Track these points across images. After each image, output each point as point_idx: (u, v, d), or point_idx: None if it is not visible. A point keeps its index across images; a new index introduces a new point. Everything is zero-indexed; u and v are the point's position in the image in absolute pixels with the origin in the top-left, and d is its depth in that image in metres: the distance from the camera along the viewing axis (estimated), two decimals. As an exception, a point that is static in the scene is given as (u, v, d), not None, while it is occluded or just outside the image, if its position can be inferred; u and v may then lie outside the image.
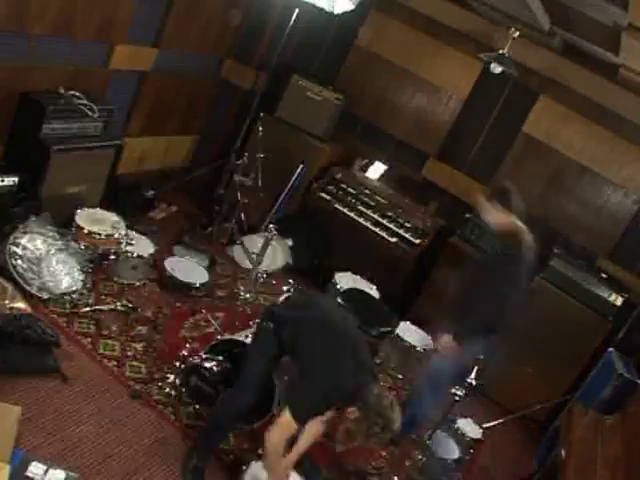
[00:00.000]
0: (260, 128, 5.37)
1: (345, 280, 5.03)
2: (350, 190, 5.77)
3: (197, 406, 3.61)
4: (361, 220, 5.63)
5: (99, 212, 4.40)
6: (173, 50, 5.23)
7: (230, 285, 5.05)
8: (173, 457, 3.31)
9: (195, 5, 5.13)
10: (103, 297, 4.18)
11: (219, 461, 3.43)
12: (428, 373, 3.94)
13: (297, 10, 5.25)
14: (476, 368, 3.59)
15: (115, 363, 3.72)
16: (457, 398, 3.51)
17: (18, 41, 3.93)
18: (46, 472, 2.66)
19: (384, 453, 4.09)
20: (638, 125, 5.20)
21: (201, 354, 3.58)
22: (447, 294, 4.44)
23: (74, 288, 3.94)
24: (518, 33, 4.89)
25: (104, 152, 4.56)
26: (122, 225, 4.32)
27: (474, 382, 3.51)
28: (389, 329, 4.76)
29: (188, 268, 4.73)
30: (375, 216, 5.64)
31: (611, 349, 4.76)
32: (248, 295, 4.39)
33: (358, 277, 5.21)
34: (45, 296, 3.87)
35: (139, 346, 3.95)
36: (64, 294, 3.94)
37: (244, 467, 3.22)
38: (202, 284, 4.61)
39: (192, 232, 5.49)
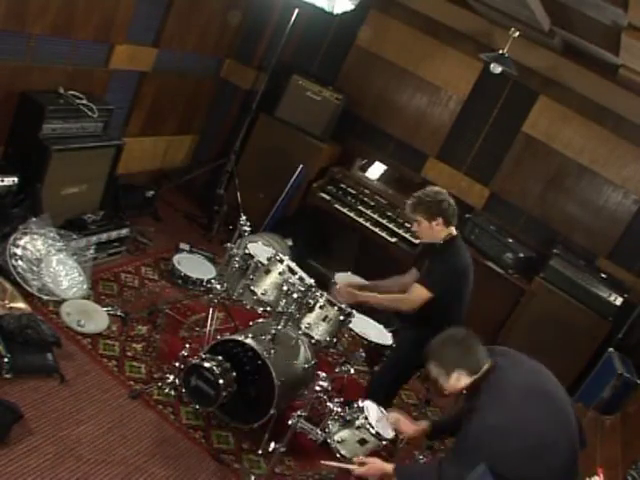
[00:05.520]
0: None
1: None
2: (350, 190, 5.76)
3: (197, 406, 3.61)
4: (361, 220, 5.63)
5: None
6: (173, 50, 5.23)
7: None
8: (173, 457, 3.31)
9: (195, 5, 5.12)
10: (103, 297, 4.19)
11: (219, 461, 3.44)
12: None
13: (297, 10, 5.25)
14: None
15: (115, 363, 3.73)
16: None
17: (18, 41, 3.92)
18: None
19: (383, 453, 4.09)
20: (638, 125, 5.20)
21: (201, 354, 3.58)
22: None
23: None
24: (518, 33, 4.89)
25: (104, 152, 4.55)
26: None
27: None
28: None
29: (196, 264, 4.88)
30: (375, 216, 5.64)
31: (611, 349, 4.77)
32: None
33: (358, 277, 5.20)
34: (45, 297, 3.88)
35: (139, 346, 3.95)
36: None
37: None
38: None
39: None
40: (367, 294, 3.72)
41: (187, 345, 3.70)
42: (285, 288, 3.65)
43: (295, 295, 3.64)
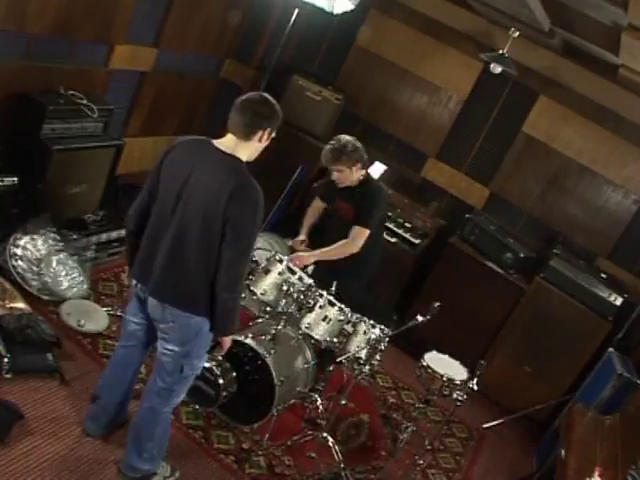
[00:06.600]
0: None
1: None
2: (350, 190, 5.75)
3: (197, 406, 3.61)
4: (361, 220, 5.61)
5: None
6: (173, 50, 5.23)
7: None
8: (173, 457, 3.31)
9: (195, 5, 5.13)
10: (103, 297, 4.19)
11: (219, 462, 3.44)
12: None
13: (297, 10, 5.25)
14: (478, 373, 3.59)
15: (115, 363, 3.72)
16: (459, 403, 3.51)
17: (18, 41, 3.93)
18: None
19: (384, 453, 4.10)
20: (638, 125, 5.20)
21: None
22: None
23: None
24: (518, 33, 4.89)
25: (104, 152, 4.55)
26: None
27: (475, 387, 3.51)
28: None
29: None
30: (375, 216, 5.63)
31: (611, 349, 4.76)
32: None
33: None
34: (45, 297, 3.88)
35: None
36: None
37: None
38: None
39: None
40: (314, 252, 3.90)
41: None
42: (285, 288, 3.65)
43: (295, 295, 3.64)
